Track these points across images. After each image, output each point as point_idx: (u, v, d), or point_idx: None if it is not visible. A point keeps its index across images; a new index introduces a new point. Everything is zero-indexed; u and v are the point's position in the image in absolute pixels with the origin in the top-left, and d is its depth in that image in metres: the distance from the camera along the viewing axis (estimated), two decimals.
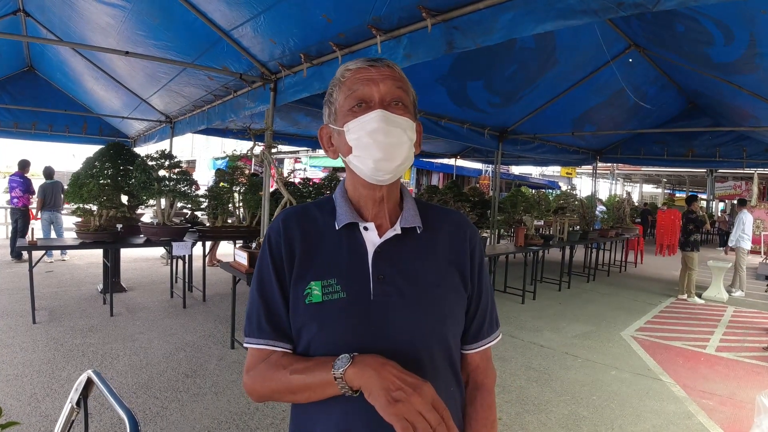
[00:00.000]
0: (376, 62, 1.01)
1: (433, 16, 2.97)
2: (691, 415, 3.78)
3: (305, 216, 1.07)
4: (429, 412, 0.78)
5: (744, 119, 7.07)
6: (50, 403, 3.41)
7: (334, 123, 1.03)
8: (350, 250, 1.02)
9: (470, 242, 1.11)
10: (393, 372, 0.83)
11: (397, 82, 1.00)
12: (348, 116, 0.99)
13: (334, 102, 1.03)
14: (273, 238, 1.04)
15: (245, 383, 1.01)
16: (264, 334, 1.00)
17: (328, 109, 1.05)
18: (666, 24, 4.71)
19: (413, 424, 0.76)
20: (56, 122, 9.38)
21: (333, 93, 1.03)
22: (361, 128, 0.97)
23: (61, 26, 5.76)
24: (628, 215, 11.41)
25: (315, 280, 0.98)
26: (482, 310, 1.11)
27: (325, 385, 0.88)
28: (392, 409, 0.78)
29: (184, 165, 6.21)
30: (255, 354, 1.01)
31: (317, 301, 0.96)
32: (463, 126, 7.48)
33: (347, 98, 0.99)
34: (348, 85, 0.99)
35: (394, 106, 0.99)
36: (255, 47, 4.41)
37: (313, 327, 0.96)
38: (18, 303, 5.78)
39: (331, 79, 1.05)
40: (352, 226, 1.03)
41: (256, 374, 0.99)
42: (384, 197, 1.05)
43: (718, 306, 7.81)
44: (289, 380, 0.93)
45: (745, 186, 21.07)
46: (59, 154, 35.02)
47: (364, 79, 0.98)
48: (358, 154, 0.98)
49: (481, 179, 22.20)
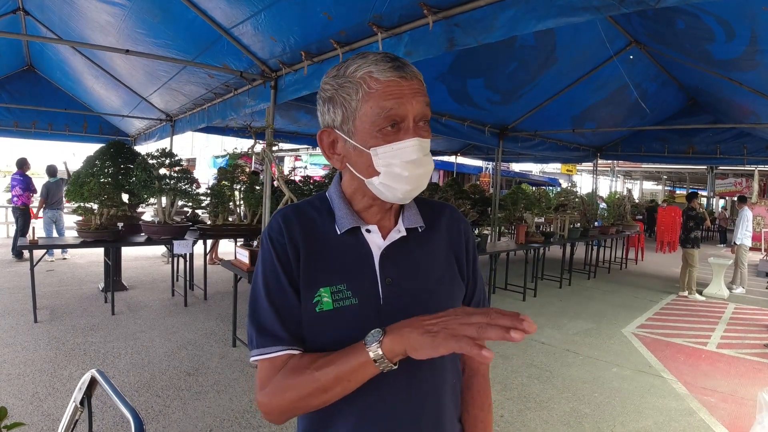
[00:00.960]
0: (406, 72, 0.91)
1: (435, 13, 2.96)
2: (692, 412, 3.79)
3: (303, 216, 1.01)
4: (473, 317, 0.74)
5: (745, 116, 7.06)
6: (52, 402, 3.42)
7: (350, 135, 0.94)
8: (355, 254, 0.98)
9: (465, 235, 1.11)
10: (422, 318, 0.79)
11: (426, 97, 0.93)
12: (377, 138, 0.90)
13: (353, 111, 0.91)
14: (276, 239, 0.97)
15: (260, 403, 0.91)
16: (280, 341, 0.91)
17: (341, 114, 0.93)
18: (667, 20, 4.70)
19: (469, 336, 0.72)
20: (56, 121, 9.37)
21: (350, 99, 0.91)
22: (395, 156, 0.90)
23: (61, 25, 5.76)
24: (629, 212, 11.41)
25: (324, 286, 0.93)
26: (477, 298, 1.12)
27: (361, 368, 0.82)
28: (440, 339, 0.74)
29: (184, 163, 6.21)
30: (267, 367, 0.91)
31: (329, 309, 0.92)
32: (463, 123, 7.48)
33: (376, 116, 0.89)
34: (377, 100, 0.89)
35: (422, 128, 0.93)
36: (255, 45, 4.41)
37: (325, 335, 0.92)
38: (19, 302, 5.78)
39: (342, 75, 0.93)
40: (354, 229, 0.99)
41: (273, 387, 0.89)
42: (393, 206, 1.02)
43: (719, 303, 7.81)
44: (316, 378, 0.85)
45: (745, 183, 21.07)
46: (60, 152, 34.70)
47: (397, 95, 0.89)
48: (385, 182, 0.92)
49: (481, 177, 22.22)
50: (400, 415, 0.92)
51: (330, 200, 1.04)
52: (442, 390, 1.00)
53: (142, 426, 1.14)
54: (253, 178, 6.97)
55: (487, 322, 0.72)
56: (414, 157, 0.91)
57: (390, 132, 0.90)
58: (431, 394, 0.98)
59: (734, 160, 9.47)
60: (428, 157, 0.94)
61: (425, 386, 0.97)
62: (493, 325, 0.71)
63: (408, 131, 0.91)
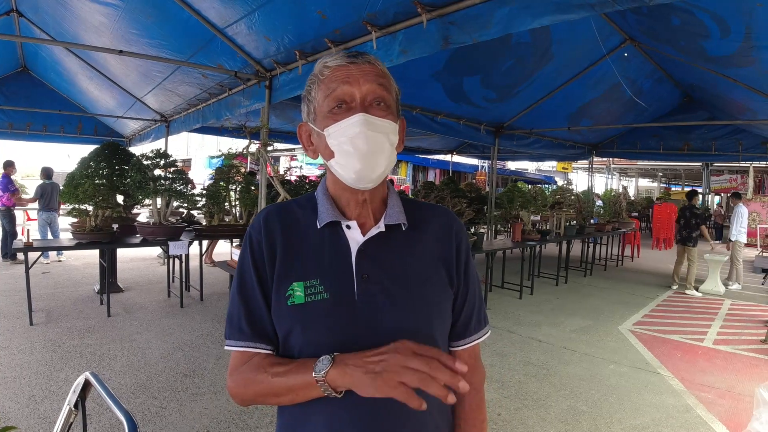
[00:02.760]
0: (356, 58, 0.95)
1: (429, 11, 2.96)
2: (689, 408, 3.79)
3: (287, 214, 1.04)
4: (414, 360, 0.76)
5: (740, 112, 7.08)
6: (49, 405, 3.40)
7: (314, 123, 0.99)
8: (333, 250, 0.99)
9: (456, 237, 1.08)
10: (365, 355, 0.82)
11: (380, 78, 0.96)
12: (328, 119, 0.94)
13: (313, 100, 0.98)
14: (254, 237, 1.01)
15: (229, 387, 0.98)
16: (244, 336, 0.97)
17: (307, 107, 1.01)
18: (661, 17, 4.71)
19: (406, 383, 0.75)
20: (51, 122, 9.34)
21: (311, 90, 0.98)
22: (342, 133, 0.93)
23: (55, 26, 5.73)
24: (625, 209, 11.43)
25: (297, 280, 0.95)
26: (469, 306, 1.09)
27: (308, 388, 0.86)
28: (379, 383, 0.76)
29: (179, 164, 6.18)
30: (237, 357, 0.98)
31: (300, 303, 0.94)
32: (459, 122, 7.48)
33: (326, 98, 0.94)
34: (327, 84, 0.94)
35: (375, 107, 0.94)
36: (249, 45, 4.39)
37: (296, 329, 0.94)
38: (15, 305, 5.75)
39: (309, 74, 1.00)
40: (334, 224, 1.00)
41: (238, 377, 0.96)
42: (367, 199, 1.01)
43: (716, 299, 7.84)
44: (271, 383, 0.90)
45: (740, 179, 21.13)
46: (54, 154, 34.78)
47: (344, 77, 0.93)
48: (339, 161, 0.95)
49: (477, 175, 22.23)
50: (373, 423, 0.92)
51: (316, 198, 1.05)
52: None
53: (136, 429, 1.13)
54: (248, 179, 6.95)
55: (428, 373, 0.75)
56: (357, 130, 0.91)
57: (339, 112, 0.94)
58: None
59: (729, 156, 9.50)
60: (379, 135, 0.93)
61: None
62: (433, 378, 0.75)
63: (355, 109, 0.93)
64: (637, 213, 16.63)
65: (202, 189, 6.74)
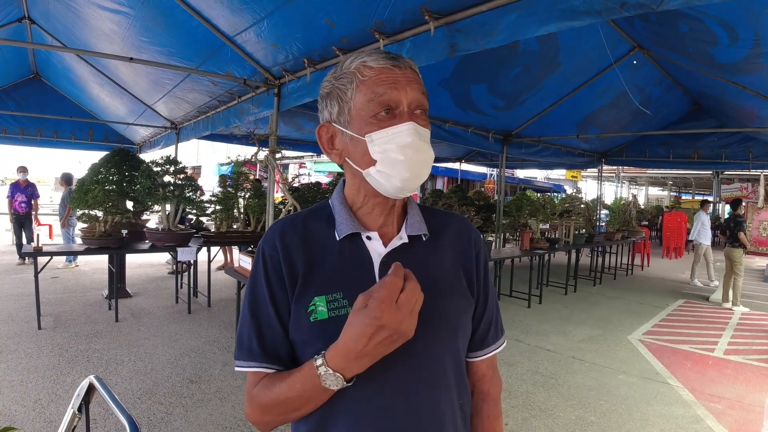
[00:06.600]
0: (399, 61, 0.91)
1: (436, 18, 2.97)
2: (699, 419, 3.74)
3: (302, 227, 0.99)
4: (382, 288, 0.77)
5: (750, 120, 7.02)
6: (55, 409, 3.41)
7: (346, 126, 0.93)
8: (354, 262, 0.95)
9: (475, 246, 1.06)
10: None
11: (421, 86, 0.93)
12: (371, 124, 0.89)
13: (348, 101, 0.92)
14: (268, 253, 0.96)
15: (248, 414, 0.94)
16: (254, 357, 0.92)
17: (338, 107, 0.94)
18: (669, 24, 4.69)
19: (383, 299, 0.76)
20: (62, 129, 9.46)
21: (347, 90, 0.92)
22: (390, 141, 0.89)
23: (66, 33, 5.81)
24: (634, 218, 11.35)
25: (319, 295, 0.91)
26: (488, 316, 1.06)
27: (314, 380, 0.83)
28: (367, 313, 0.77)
29: (189, 171, 6.22)
30: (250, 379, 0.93)
31: (323, 318, 0.89)
32: (467, 130, 7.48)
33: (370, 102, 0.89)
34: (370, 87, 0.89)
35: (419, 116, 0.91)
36: (258, 52, 4.43)
37: (318, 345, 0.87)
38: (23, 309, 5.79)
39: (339, 71, 0.94)
40: (353, 236, 0.96)
41: (253, 403, 0.92)
42: (395, 205, 0.99)
43: (726, 309, 7.74)
44: (279, 395, 0.87)
45: (751, 188, 20.92)
46: (65, 160, 35.05)
47: (391, 81, 0.89)
48: (382, 170, 0.90)
49: (486, 183, 22.19)
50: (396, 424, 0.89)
51: (332, 207, 1.02)
52: (439, 408, 0.94)
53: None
54: (256, 185, 6.98)
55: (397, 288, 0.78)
56: (410, 140, 0.89)
57: (384, 118, 0.90)
58: (427, 408, 0.92)
59: (740, 164, 9.43)
60: (427, 145, 0.92)
61: (420, 398, 0.92)
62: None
63: (403, 116, 0.90)
64: (647, 221, 16.50)
65: (211, 196, 6.78)
